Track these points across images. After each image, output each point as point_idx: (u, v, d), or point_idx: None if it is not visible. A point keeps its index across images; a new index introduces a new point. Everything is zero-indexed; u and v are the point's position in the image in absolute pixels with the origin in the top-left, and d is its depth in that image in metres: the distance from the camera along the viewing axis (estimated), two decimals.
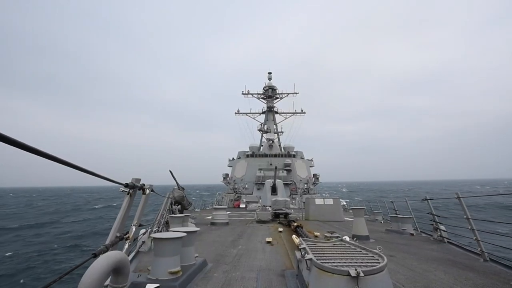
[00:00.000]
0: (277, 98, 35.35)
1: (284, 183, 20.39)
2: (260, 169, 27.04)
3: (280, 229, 9.01)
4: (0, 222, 30.73)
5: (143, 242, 4.15)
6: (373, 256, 2.77)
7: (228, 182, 28.86)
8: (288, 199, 13.49)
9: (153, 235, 3.39)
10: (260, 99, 35.64)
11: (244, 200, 23.72)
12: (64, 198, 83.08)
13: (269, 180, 17.36)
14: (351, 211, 13.28)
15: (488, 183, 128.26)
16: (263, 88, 34.91)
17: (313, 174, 29.83)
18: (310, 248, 3.12)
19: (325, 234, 6.90)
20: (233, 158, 31.56)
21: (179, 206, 8.88)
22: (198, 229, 4.32)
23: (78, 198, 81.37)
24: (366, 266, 2.43)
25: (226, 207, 13.47)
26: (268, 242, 6.70)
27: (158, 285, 3.05)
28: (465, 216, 5.46)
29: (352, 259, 2.70)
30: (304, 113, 35.33)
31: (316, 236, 7.41)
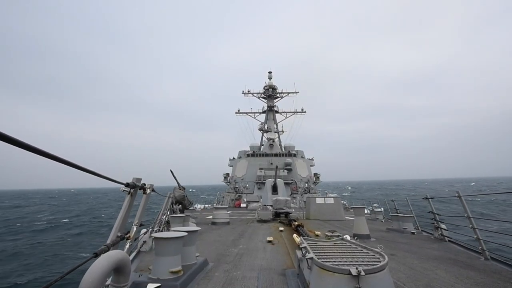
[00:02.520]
0: (277, 97, 35.33)
1: (284, 183, 20.39)
2: (261, 169, 27.05)
3: (281, 228, 9.01)
4: None
5: (144, 241, 4.16)
6: (374, 255, 2.77)
7: (229, 182, 28.88)
8: (289, 199, 13.49)
9: (154, 234, 3.40)
10: (261, 98, 35.63)
11: (245, 200, 23.74)
12: (87, 197, 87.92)
13: (270, 179, 17.36)
14: (351, 210, 13.28)
15: (483, 182, 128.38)
16: (264, 88, 34.89)
17: (314, 173, 29.84)
18: (311, 247, 3.12)
19: (326, 233, 6.92)
20: (233, 158, 31.57)
21: (180, 205, 8.89)
22: (199, 228, 4.33)
23: (99, 198, 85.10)
24: (367, 265, 2.43)
25: (227, 206, 13.49)
26: (269, 241, 6.71)
27: (159, 284, 3.05)
28: (466, 215, 5.45)
29: (353, 258, 2.71)
30: (305, 112, 35.34)
31: (317, 235, 7.41)
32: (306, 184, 27.02)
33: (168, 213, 7.77)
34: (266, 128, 33.79)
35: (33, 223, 29.82)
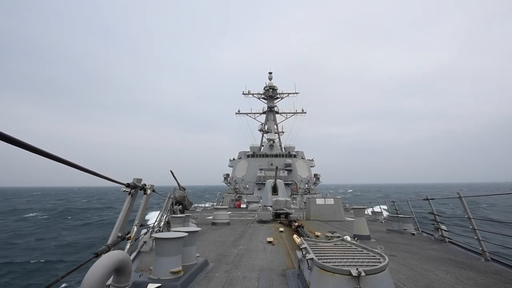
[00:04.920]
0: (277, 98, 35.33)
1: (285, 183, 20.38)
2: (261, 169, 27.05)
3: (281, 229, 9.01)
4: None
5: (145, 242, 4.17)
6: (374, 256, 2.77)
7: (229, 182, 28.89)
8: (289, 199, 13.49)
9: (155, 235, 3.40)
10: (261, 99, 35.64)
11: (245, 200, 23.73)
12: (100, 195, 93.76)
13: (270, 180, 17.37)
14: (352, 211, 13.28)
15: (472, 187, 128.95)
16: (264, 88, 34.89)
17: (314, 174, 29.82)
18: (311, 248, 3.13)
19: (326, 234, 6.91)
20: (233, 158, 31.57)
21: (180, 206, 8.90)
22: (199, 229, 4.33)
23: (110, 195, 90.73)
24: (367, 265, 2.44)
25: (227, 207, 13.51)
26: (269, 242, 6.71)
27: (159, 284, 3.06)
28: (466, 216, 5.45)
29: (353, 258, 2.71)
30: (305, 113, 35.29)
31: (317, 236, 7.41)
32: (306, 185, 27.01)
33: (168, 213, 7.78)
34: (266, 128, 33.78)
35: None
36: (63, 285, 10.54)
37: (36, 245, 18.50)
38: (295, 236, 5.02)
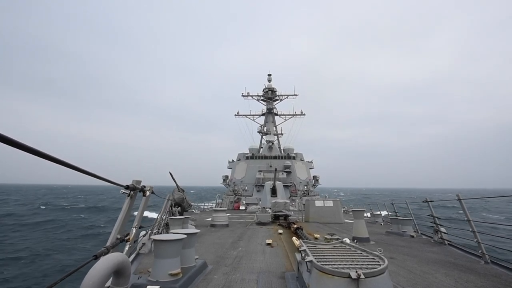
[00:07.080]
0: (276, 100, 35.36)
1: (284, 185, 20.38)
2: (260, 171, 27.03)
3: (280, 231, 8.99)
4: None
5: (144, 244, 4.15)
6: (373, 258, 2.77)
7: (228, 184, 28.85)
8: (288, 201, 13.48)
9: (154, 237, 3.39)
10: (260, 101, 35.66)
11: (244, 202, 23.70)
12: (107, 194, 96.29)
13: (269, 182, 17.36)
14: (351, 213, 13.27)
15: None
16: (263, 90, 34.91)
17: (313, 176, 29.80)
18: (310, 250, 3.12)
19: (325, 236, 6.89)
20: (232, 160, 31.55)
21: (179, 208, 8.88)
22: (198, 231, 4.32)
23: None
24: (366, 268, 2.43)
25: (226, 209, 13.48)
26: (268, 244, 6.70)
27: (158, 286, 3.05)
28: (466, 218, 5.45)
29: (352, 261, 2.70)
30: (304, 115, 35.30)
31: (316, 238, 7.39)
32: (305, 187, 26.99)
33: (167, 215, 7.76)
34: (265, 130, 33.78)
35: None
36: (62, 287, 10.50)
37: None
38: (294, 238, 5.01)
